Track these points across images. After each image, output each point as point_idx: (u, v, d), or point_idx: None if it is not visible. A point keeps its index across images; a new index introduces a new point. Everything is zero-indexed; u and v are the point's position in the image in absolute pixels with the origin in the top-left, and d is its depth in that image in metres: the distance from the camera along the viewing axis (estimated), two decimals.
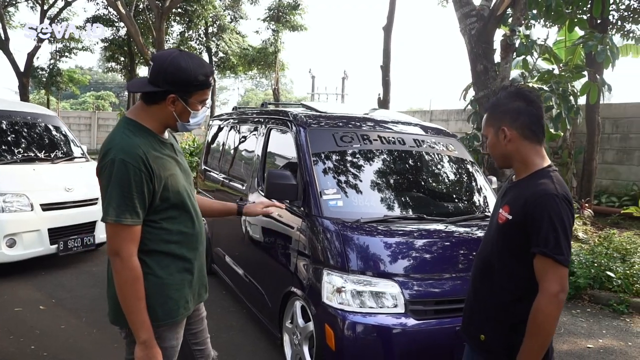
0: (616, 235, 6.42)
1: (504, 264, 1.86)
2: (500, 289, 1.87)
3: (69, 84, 24.70)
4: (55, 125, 6.72)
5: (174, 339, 1.94)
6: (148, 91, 1.86)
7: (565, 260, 1.70)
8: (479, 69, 7.27)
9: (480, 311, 1.96)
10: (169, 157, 1.92)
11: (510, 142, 1.86)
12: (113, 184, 1.73)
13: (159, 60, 1.86)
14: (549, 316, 1.70)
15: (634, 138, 11.85)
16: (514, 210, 1.80)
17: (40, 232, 5.34)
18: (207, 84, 1.89)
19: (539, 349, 1.73)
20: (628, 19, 10.80)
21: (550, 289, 1.70)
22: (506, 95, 1.90)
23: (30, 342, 3.78)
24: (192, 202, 1.97)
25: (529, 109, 1.85)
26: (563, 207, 1.72)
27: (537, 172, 1.84)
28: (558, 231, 1.70)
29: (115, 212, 1.72)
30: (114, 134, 1.83)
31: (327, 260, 3.08)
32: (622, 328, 4.72)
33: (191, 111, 1.89)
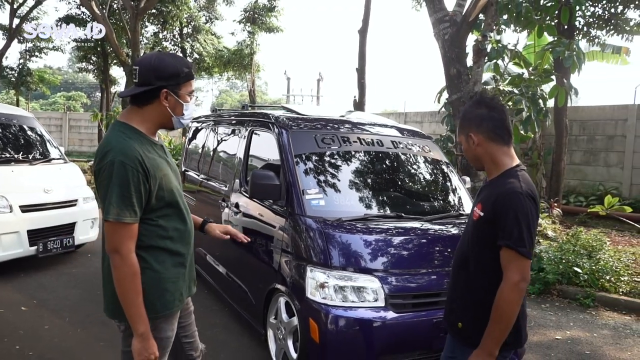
0: (583, 233, 6.71)
1: (478, 258, 2.02)
2: (475, 280, 2.04)
3: (39, 84, 24.19)
4: (32, 126, 6.66)
5: (169, 330, 2.04)
6: (141, 92, 1.95)
7: (527, 252, 1.87)
8: (452, 73, 7.50)
9: (458, 301, 2.12)
10: (160, 158, 2.01)
11: (479, 146, 2.04)
12: (113, 185, 1.81)
13: (144, 62, 1.98)
14: (510, 303, 1.86)
15: (599, 140, 12.33)
16: (486, 208, 1.98)
17: (19, 233, 5.31)
18: (191, 75, 2.03)
19: (501, 332, 1.89)
20: (593, 25, 11.24)
21: (512, 278, 1.86)
22: (471, 105, 2.12)
23: (14, 343, 3.80)
24: (182, 201, 2.08)
25: (492, 114, 2.03)
26: (527, 204, 1.89)
27: (506, 172, 2.01)
28: (521, 225, 1.87)
29: (115, 211, 1.80)
30: (110, 137, 1.92)
31: (311, 257, 3.20)
32: (588, 320, 4.98)
33: (183, 103, 2.00)
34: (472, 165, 2.21)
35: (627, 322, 4.95)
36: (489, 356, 1.91)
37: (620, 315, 5.16)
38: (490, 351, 1.91)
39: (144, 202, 1.90)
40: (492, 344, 1.90)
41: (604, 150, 12.28)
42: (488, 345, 1.91)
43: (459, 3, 7.71)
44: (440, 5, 7.68)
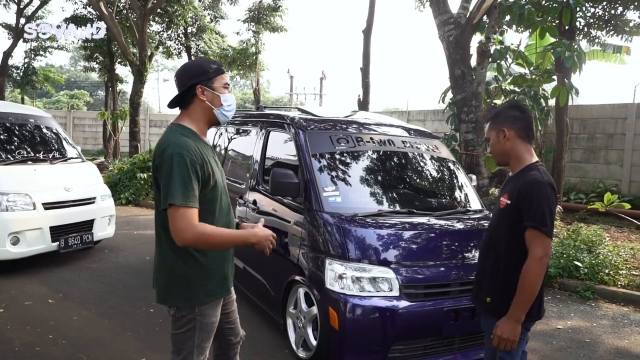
0: (583, 229, 6.94)
1: (506, 240, 2.34)
2: (502, 260, 2.36)
3: (44, 83, 24.39)
4: (50, 126, 6.88)
5: (213, 315, 2.25)
6: (181, 95, 2.22)
7: (549, 231, 2.18)
8: (457, 74, 7.71)
9: (487, 279, 2.44)
10: (211, 156, 2.25)
11: (508, 141, 2.37)
12: (175, 174, 2.01)
13: (177, 71, 2.28)
14: (535, 275, 2.19)
15: (599, 138, 12.53)
16: (512, 197, 2.30)
17: (42, 230, 5.54)
18: (221, 70, 2.27)
19: (527, 301, 2.21)
20: (594, 26, 11.44)
21: (537, 253, 2.18)
22: (505, 106, 2.46)
23: (47, 332, 4.03)
24: (227, 198, 2.30)
25: (523, 116, 2.39)
26: (548, 191, 2.22)
27: (528, 166, 2.35)
28: (544, 209, 2.19)
29: (180, 197, 1.99)
30: (167, 136, 2.14)
31: (329, 250, 3.43)
32: (588, 311, 5.21)
33: (220, 95, 2.23)
34: (496, 161, 2.52)
35: (625, 313, 5.18)
36: (517, 322, 2.22)
37: (619, 306, 5.39)
38: (517, 317, 2.22)
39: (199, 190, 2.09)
40: (519, 311, 2.21)
41: (604, 148, 12.48)
42: (515, 312, 2.22)
43: (463, 5, 7.91)
44: (445, 8, 7.88)
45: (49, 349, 3.75)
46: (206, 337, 2.25)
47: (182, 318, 2.19)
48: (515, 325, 2.24)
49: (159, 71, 55.78)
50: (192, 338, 2.20)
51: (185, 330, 2.20)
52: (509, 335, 2.24)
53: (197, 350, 2.22)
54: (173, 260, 2.16)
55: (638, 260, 6.83)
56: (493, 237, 2.42)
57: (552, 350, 4.19)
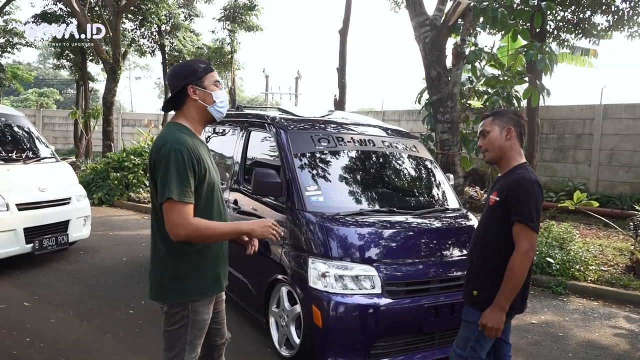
0: (554, 227, 7.15)
1: (494, 235, 2.47)
2: (490, 254, 2.49)
3: (12, 80, 23.74)
4: (22, 125, 6.72)
5: (205, 313, 2.27)
6: (174, 96, 2.25)
7: (535, 226, 2.32)
8: (433, 75, 7.83)
9: (474, 273, 2.56)
10: (207, 154, 2.28)
11: (509, 140, 2.53)
12: (171, 169, 2.03)
13: (167, 75, 2.32)
14: (520, 267, 2.33)
15: (568, 138, 12.90)
16: (501, 194, 2.45)
17: (16, 231, 5.42)
18: (209, 68, 2.31)
19: (511, 291, 2.36)
20: (563, 29, 11.78)
21: (523, 247, 2.32)
22: (509, 111, 2.68)
23: (24, 336, 3.95)
24: (221, 196, 2.32)
25: (523, 124, 2.60)
26: (535, 189, 2.37)
27: (517, 166, 2.52)
28: (530, 205, 2.34)
29: (177, 191, 2.01)
30: (165, 133, 2.17)
31: (311, 249, 3.47)
32: (560, 306, 5.38)
33: (211, 92, 2.26)
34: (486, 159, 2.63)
35: (595, 307, 5.38)
36: (501, 310, 2.36)
37: (589, 301, 5.59)
38: (502, 306, 2.36)
39: (195, 186, 2.11)
40: (504, 301, 2.36)
41: (572, 148, 12.86)
42: (501, 301, 2.37)
43: (438, 8, 8.04)
44: (421, 10, 8.00)
45: (27, 352, 3.69)
46: (198, 334, 2.27)
47: (175, 315, 2.20)
48: (500, 314, 2.37)
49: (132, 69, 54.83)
50: (185, 335, 2.22)
51: (178, 327, 2.21)
52: (494, 323, 2.37)
53: (189, 347, 2.23)
54: (166, 257, 2.17)
55: (606, 256, 7.08)
56: (482, 233, 2.56)
57: (526, 344, 4.32)
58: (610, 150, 12.11)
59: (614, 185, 12.01)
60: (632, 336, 4.63)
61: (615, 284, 5.89)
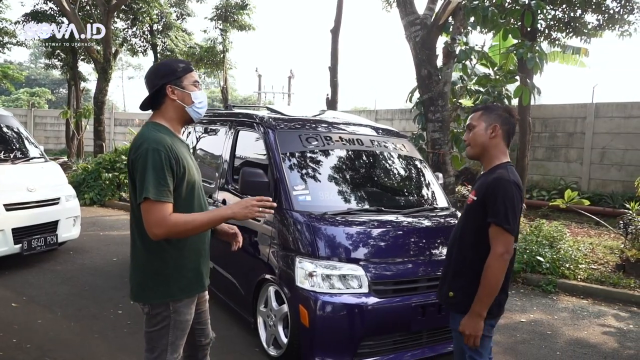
0: (545, 225, 7.18)
1: (471, 235, 2.38)
2: (466, 255, 2.39)
3: (3, 80, 23.53)
4: (10, 124, 6.68)
5: (187, 313, 2.25)
6: (152, 95, 2.23)
7: (511, 229, 2.22)
8: (424, 74, 7.85)
9: (451, 274, 2.47)
10: (186, 153, 2.26)
11: (495, 137, 2.41)
12: (149, 168, 2.02)
13: (146, 73, 2.30)
14: (495, 271, 2.23)
15: (560, 137, 12.96)
16: (479, 193, 2.36)
17: (4, 232, 5.39)
18: (189, 68, 2.29)
19: (488, 297, 2.26)
20: (554, 27, 11.82)
21: (497, 250, 2.23)
22: (500, 107, 2.54)
23: (11, 337, 3.92)
24: (203, 195, 2.31)
25: (514, 123, 2.48)
26: (512, 190, 2.27)
27: (499, 165, 2.41)
28: (507, 207, 2.24)
29: (154, 191, 2.00)
30: (143, 133, 2.16)
31: (299, 248, 3.46)
32: (549, 304, 5.40)
33: (190, 92, 2.24)
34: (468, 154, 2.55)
35: (584, 306, 5.40)
36: (478, 316, 2.27)
37: (579, 299, 5.61)
38: (479, 312, 2.27)
39: (174, 184, 2.10)
40: (481, 307, 2.26)
41: (564, 147, 12.91)
42: (477, 307, 2.27)
43: (429, 7, 8.05)
44: (412, 9, 8.01)
45: (13, 353, 3.66)
46: (180, 335, 2.25)
47: (156, 316, 2.19)
48: (477, 321, 2.28)
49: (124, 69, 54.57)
50: (166, 336, 2.21)
51: (159, 328, 2.20)
52: (471, 331, 2.28)
53: (171, 348, 2.22)
54: (146, 257, 2.16)
55: (597, 254, 7.12)
56: (459, 232, 2.47)
57: (514, 342, 4.34)
58: (602, 148, 12.17)
59: (606, 184, 12.07)
60: (621, 334, 4.65)
61: (604, 282, 5.92)
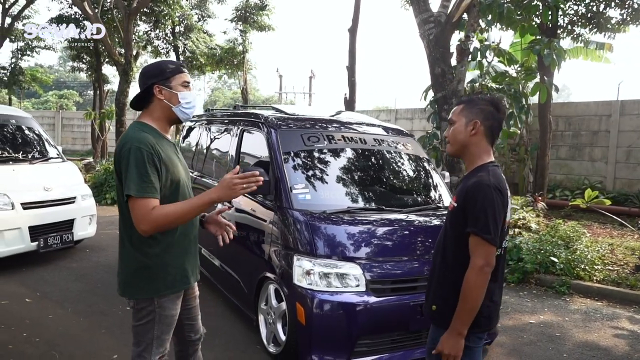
0: (562, 225, 7.03)
1: (453, 245, 2.16)
2: (449, 266, 2.17)
3: (31, 83, 24.23)
4: (30, 126, 6.88)
5: (173, 309, 2.29)
6: (141, 94, 2.28)
7: (491, 239, 2.00)
8: (437, 72, 7.77)
9: (434, 285, 2.26)
10: (172, 152, 2.30)
11: (475, 135, 2.17)
12: (131, 166, 2.06)
13: (139, 73, 2.35)
14: (475, 286, 2.01)
15: (584, 135, 12.66)
16: (459, 199, 2.13)
17: (21, 230, 5.54)
18: (178, 69, 2.31)
19: (468, 313, 2.04)
20: (577, 23, 11.55)
21: (477, 262, 2.01)
22: (485, 99, 2.24)
23: (21, 331, 4.04)
24: (189, 193, 2.34)
25: (499, 117, 2.20)
26: (493, 195, 2.03)
27: (480, 166, 2.16)
28: (487, 214, 2.01)
29: (136, 187, 2.04)
30: (127, 132, 2.21)
31: (297, 246, 3.48)
32: (562, 306, 5.29)
33: (177, 93, 2.27)
34: (448, 151, 2.33)
35: (598, 307, 5.27)
36: (458, 335, 2.05)
37: (593, 301, 5.48)
38: (459, 330, 2.05)
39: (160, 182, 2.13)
40: (461, 324, 2.05)
41: (588, 145, 12.60)
42: (457, 325, 2.05)
43: (443, 4, 7.97)
44: (426, 7, 7.94)
45: (22, 347, 3.77)
46: (166, 330, 2.29)
47: (141, 310, 2.24)
48: (457, 339, 2.06)
49: None
50: (152, 330, 2.25)
51: (144, 322, 2.24)
52: (450, 350, 2.06)
53: (156, 342, 2.26)
54: (131, 253, 2.21)
55: (616, 255, 6.93)
56: (442, 241, 2.25)
57: (521, 344, 4.26)
58: (627, 147, 11.83)
59: (632, 183, 11.73)
60: (633, 337, 4.53)
61: (621, 284, 5.77)
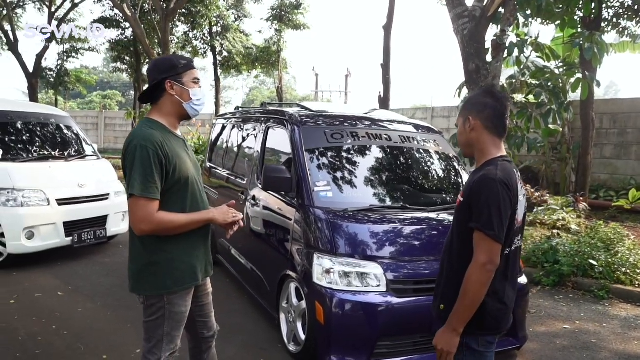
0: (602, 227, 6.71)
1: (459, 242, 2.08)
2: (456, 263, 2.09)
3: (76, 84, 25.12)
4: (68, 125, 7.08)
5: (182, 305, 2.28)
6: (151, 89, 2.28)
7: (495, 235, 1.91)
8: (471, 68, 7.55)
9: (443, 284, 2.16)
10: (180, 149, 2.29)
11: (473, 131, 2.10)
12: (136, 165, 2.07)
13: (148, 67, 2.37)
14: (475, 283, 1.93)
15: (630, 133, 12.08)
16: (465, 194, 2.06)
17: (56, 225, 5.72)
18: (189, 65, 2.31)
19: (465, 311, 1.95)
20: (623, 16, 11.03)
21: (479, 259, 1.93)
22: (478, 92, 2.18)
23: (52, 323, 4.16)
24: (199, 189, 2.32)
25: (495, 105, 2.08)
26: (499, 190, 1.94)
27: (489, 160, 2.07)
28: (491, 210, 1.92)
29: (140, 187, 2.05)
30: (135, 129, 2.22)
31: (318, 245, 3.42)
32: (600, 312, 5.03)
33: (188, 89, 2.27)
34: (462, 152, 2.26)
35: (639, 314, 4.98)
36: (453, 332, 1.98)
37: (634, 307, 5.19)
38: (454, 327, 1.97)
39: (163, 181, 2.14)
40: (457, 321, 1.97)
41: (635, 144, 12.03)
42: (453, 321, 1.98)
43: None
44: (460, 1, 7.73)
45: (51, 339, 3.87)
46: (176, 326, 2.28)
47: (151, 307, 2.24)
48: (451, 336, 1.98)
49: None
50: (162, 326, 2.25)
51: (155, 318, 2.25)
52: (444, 346, 1.99)
53: (167, 339, 2.26)
54: (141, 250, 2.21)
55: None
56: (450, 238, 2.18)
57: (553, 350, 4.07)
58: None
59: None
60: None
61: None
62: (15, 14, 21.63)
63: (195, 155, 11.64)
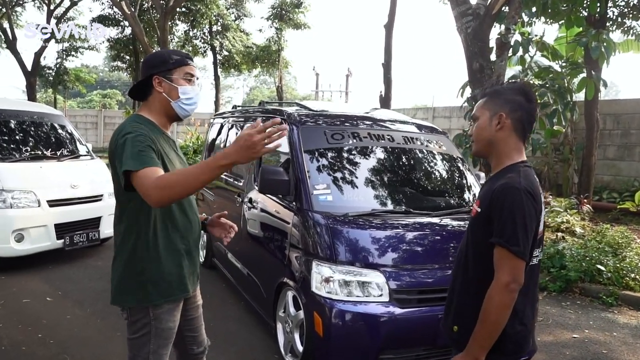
0: (609, 230, 6.53)
1: (476, 258, 1.88)
2: (472, 282, 1.89)
3: (75, 82, 24.94)
4: (61, 124, 6.90)
5: (170, 320, 2.08)
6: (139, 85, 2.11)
7: (520, 251, 1.72)
8: (475, 67, 7.38)
9: (455, 303, 1.97)
10: (170, 148, 2.11)
11: (502, 130, 1.88)
12: (127, 148, 1.84)
13: (142, 62, 2.18)
14: (498, 305, 1.73)
15: (634, 134, 11.90)
16: (483, 204, 1.84)
17: (47, 227, 5.53)
18: (182, 61, 2.09)
19: (487, 336, 1.76)
20: (628, 15, 10.86)
21: (502, 279, 1.73)
22: (511, 88, 1.95)
23: (37, 331, 3.97)
24: None
25: (529, 107, 1.89)
26: (524, 200, 1.74)
27: (510, 166, 1.87)
28: (516, 223, 1.72)
29: (132, 163, 1.80)
30: (124, 124, 2.02)
31: (317, 252, 3.24)
32: (609, 319, 4.85)
33: (177, 86, 2.07)
34: (473, 152, 2.04)
35: None
36: None
37: None
38: (475, 356, 1.78)
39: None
40: (478, 349, 1.78)
41: (639, 145, 11.85)
42: (474, 349, 1.78)
43: None
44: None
45: (35, 348, 3.69)
46: (163, 344, 2.10)
47: (136, 322, 2.06)
48: None
49: None
50: (148, 344, 2.06)
51: (140, 335, 2.06)
52: None
53: (153, 357, 2.07)
54: (125, 257, 2.03)
55: None
56: (464, 252, 1.96)
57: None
58: None
59: None
60: None
61: None
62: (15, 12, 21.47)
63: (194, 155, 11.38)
